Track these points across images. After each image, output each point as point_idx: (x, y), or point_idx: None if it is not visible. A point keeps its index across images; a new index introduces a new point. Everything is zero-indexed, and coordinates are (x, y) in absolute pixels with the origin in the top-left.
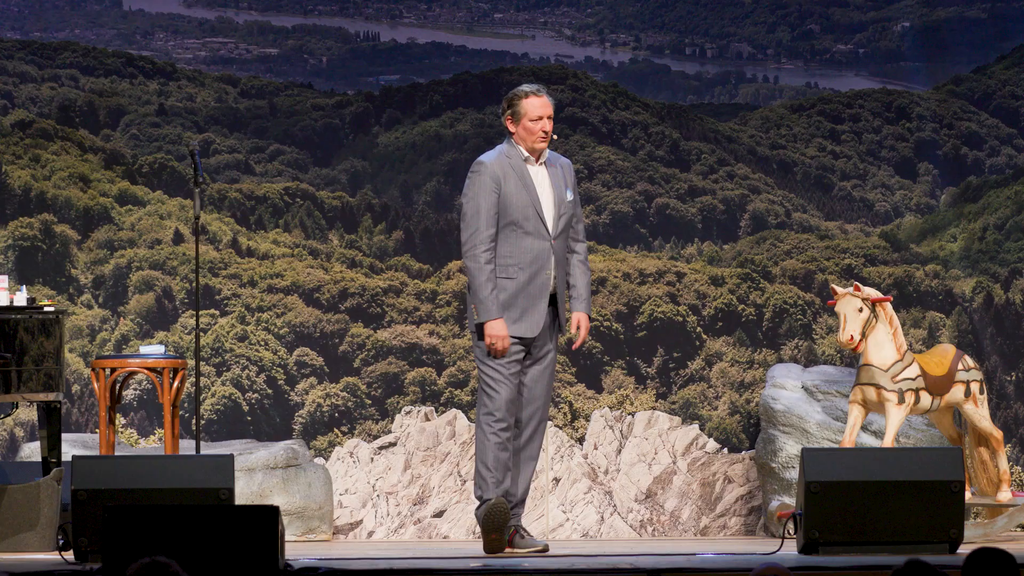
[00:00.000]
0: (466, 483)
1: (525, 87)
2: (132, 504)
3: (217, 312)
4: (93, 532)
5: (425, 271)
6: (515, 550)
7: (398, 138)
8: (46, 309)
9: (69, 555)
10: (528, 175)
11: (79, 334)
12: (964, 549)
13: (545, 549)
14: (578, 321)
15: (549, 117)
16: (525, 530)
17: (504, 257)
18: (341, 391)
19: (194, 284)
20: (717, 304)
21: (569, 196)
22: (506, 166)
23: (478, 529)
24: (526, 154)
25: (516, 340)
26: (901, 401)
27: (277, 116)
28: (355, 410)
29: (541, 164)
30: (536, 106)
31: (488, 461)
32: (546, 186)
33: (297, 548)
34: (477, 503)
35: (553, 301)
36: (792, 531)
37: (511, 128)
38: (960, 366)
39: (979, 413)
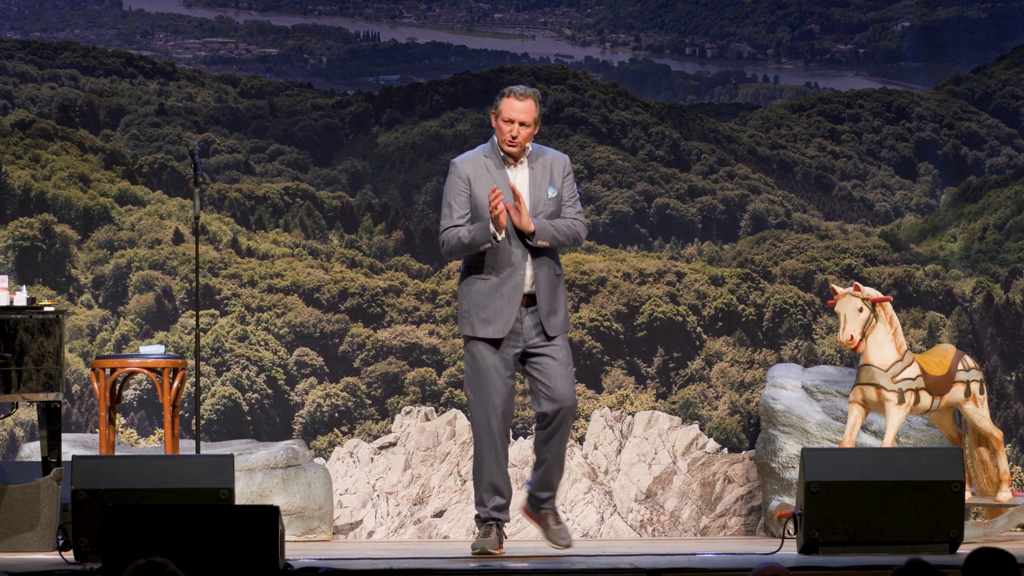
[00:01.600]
0: (466, 483)
1: (512, 87)
2: (132, 504)
3: (217, 312)
4: (93, 532)
5: (425, 271)
6: (544, 533)
7: (398, 138)
8: (46, 309)
9: (69, 555)
10: (504, 176)
11: (79, 334)
12: (964, 549)
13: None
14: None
15: (522, 123)
16: (557, 517)
17: (477, 259)
18: (341, 391)
19: (194, 284)
20: (717, 304)
21: (551, 193)
22: (479, 166)
23: (478, 530)
24: (503, 153)
25: (489, 343)
26: (901, 401)
27: (277, 116)
28: (355, 410)
29: (521, 164)
30: (510, 108)
31: (481, 472)
32: (523, 186)
33: (297, 548)
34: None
35: (533, 301)
36: (792, 531)
37: (494, 124)
38: (960, 366)
39: (979, 413)
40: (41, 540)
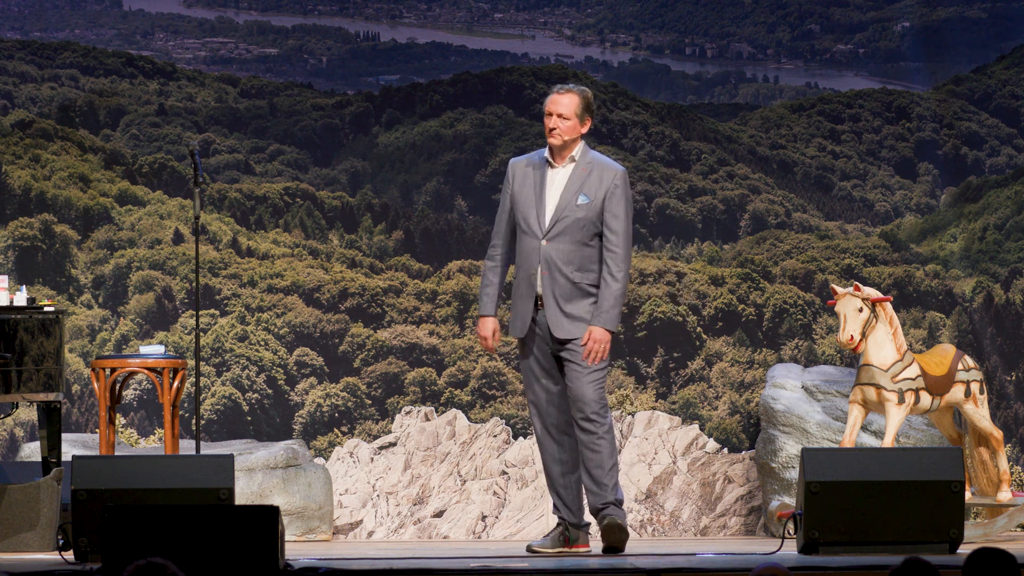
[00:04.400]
0: (465, 483)
1: (558, 85)
2: (132, 504)
3: (217, 312)
4: (93, 532)
5: (425, 271)
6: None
7: (398, 138)
8: (46, 309)
9: (69, 555)
10: (544, 176)
11: (79, 334)
12: (964, 549)
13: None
14: (588, 334)
15: (560, 115)
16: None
17: (515, 257)
18: (341, 391)
19: (194, 284)
20: (717, 304)
21: (580, 200)
22: (527, 166)
23: (478, 528)
24: (547, 155)
25: (521, 341)
26: (901, 401)
27: (277, 116)
28: (355, 410)
29: (565, 166)
30: (549, 101)
31: (545, 473)
32: (557, 187)
33: (297, 548)
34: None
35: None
36: (792, 531)
37: None
38: (960, 366)
39: (979, 413)
40: (41, 540)
